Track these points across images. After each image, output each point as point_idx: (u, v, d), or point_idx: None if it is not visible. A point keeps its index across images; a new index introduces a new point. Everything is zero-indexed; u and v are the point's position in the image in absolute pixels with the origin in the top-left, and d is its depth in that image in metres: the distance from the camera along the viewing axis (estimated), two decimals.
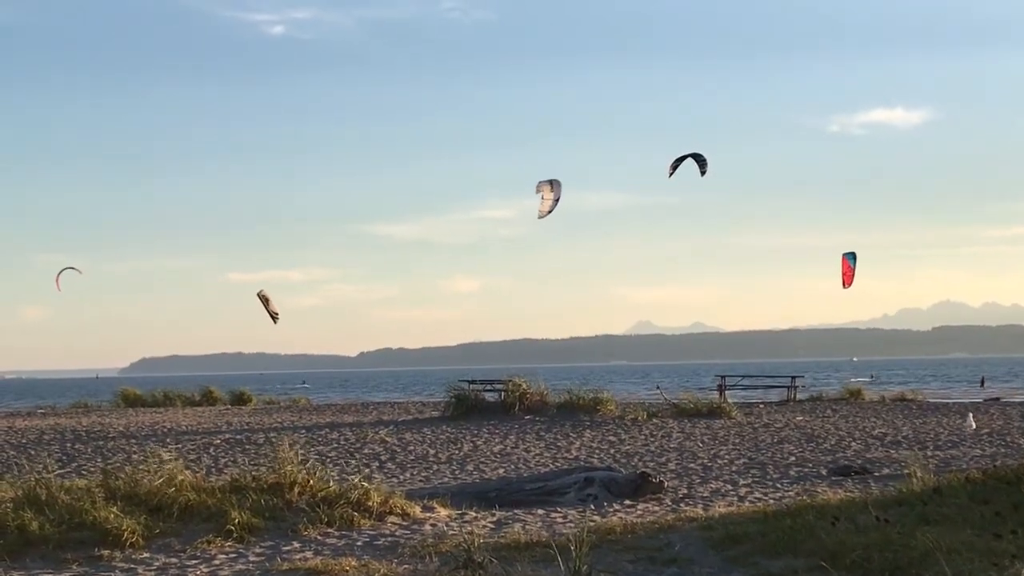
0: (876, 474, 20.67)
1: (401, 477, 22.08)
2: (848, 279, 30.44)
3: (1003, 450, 25.03)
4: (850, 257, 30.61)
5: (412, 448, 27.99)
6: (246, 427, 36.64)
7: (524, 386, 38.20)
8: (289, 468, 15.18)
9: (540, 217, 24.57)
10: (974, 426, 30.13)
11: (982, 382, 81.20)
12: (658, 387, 73.56)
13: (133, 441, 31.05)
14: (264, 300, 29.23)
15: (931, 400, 51.06)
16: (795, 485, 19.47)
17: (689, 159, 23.54)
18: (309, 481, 15.07)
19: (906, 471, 16.03)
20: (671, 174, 23.79)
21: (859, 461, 22.93)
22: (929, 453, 24.24)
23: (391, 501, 15.25)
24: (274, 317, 29.30)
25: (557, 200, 24.38)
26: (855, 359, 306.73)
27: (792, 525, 12.50)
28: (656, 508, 16.46)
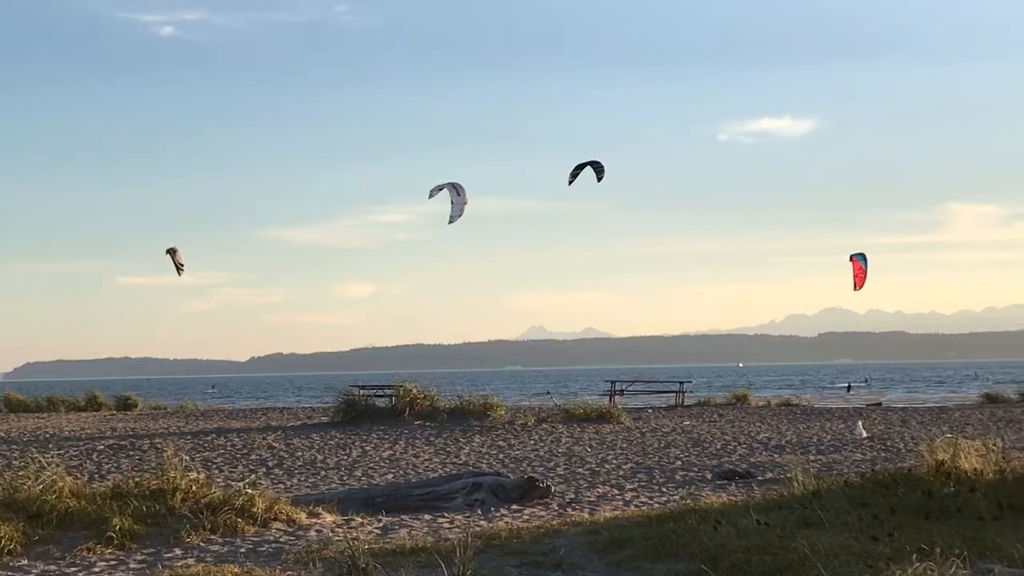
0: (759, 478, 20.93)
1: (288, 483, 21.92)
2: (860, 281, 30.17)
3: (883, 454, 25.48)
4: (860, 259, 30.31)
5: (300, 454, 27.79)
6: (131, 432, 36.12)
7: (414, 391, 38.09)
8: (173, 474, 15.01)
9: (450, 222, 24.54)
10: (864, 434, 30.62)
11: (848, 387, 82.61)
12: (548, 392, 73.86)
13: (14, 447, 30.44)
14: (172, 252, 29.49)
15: (815, 405, 51.89)
16: (680, 489, 19.65)
17: (588, 167, 23.67)
18: (192, 487, 14.92)
19: (788, 475, 16.25)
20: (571, 181, 23.89)
21: (743, 465, 23.22)
22: (812, 457, 24.60)
23: (276, 507, 15.15)
24: (179, 268, 29.60)
25: (464, 204, 24.38)
26: (741, 364, 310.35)
27: (675, 529, 12.62)
28: (543, 513, 16.51)
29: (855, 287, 30.18)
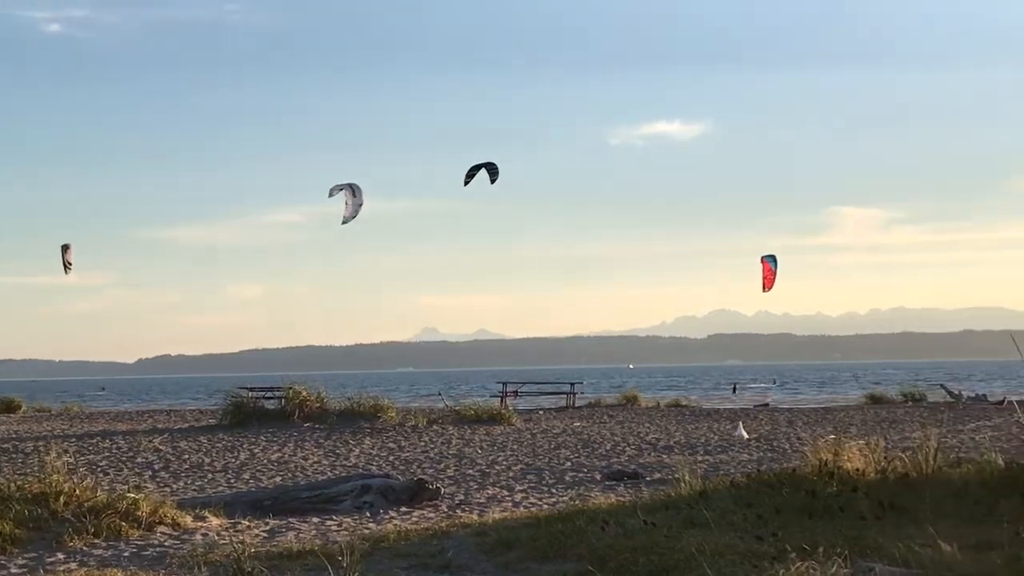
0: (648, 478, 21.09)
1: (174, 486, 21.64)
2: (769, 282, 30.20)
3: (769, 455, 25.82)
4: (771, 260, 30.34)
5: (187, 457, 27.47)
6: (14, 435, 35.43)
7: (304, 393, 37.82)
8: (55, 477, 14.75)
9: (344, 223, 24.38)
10: (746, 436, 31.01)
11: (734, 389, 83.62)
12: (440, 393, 73.79)
13: None
14: (65, 249, 29.42)
15: (703, 406, 52.45)
16: (570, 490, 19.73)
17: (483, 168, 23.69)
18: (76, 491, 14.67)
19: (676, 476, 16.39)
20: (467, 182, 23.87)
21: (632, 466, 23.37)
22: (699, 458, 24.84)
23: (161, 511, 14.95)
24: (67, 266, 29.32)
25: (360, 205, 24.23)
26: (631, 366, 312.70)
27: (563, 530, 12.66)
28: (432, 515, 16.48)
29: (764, 288, 30.32)
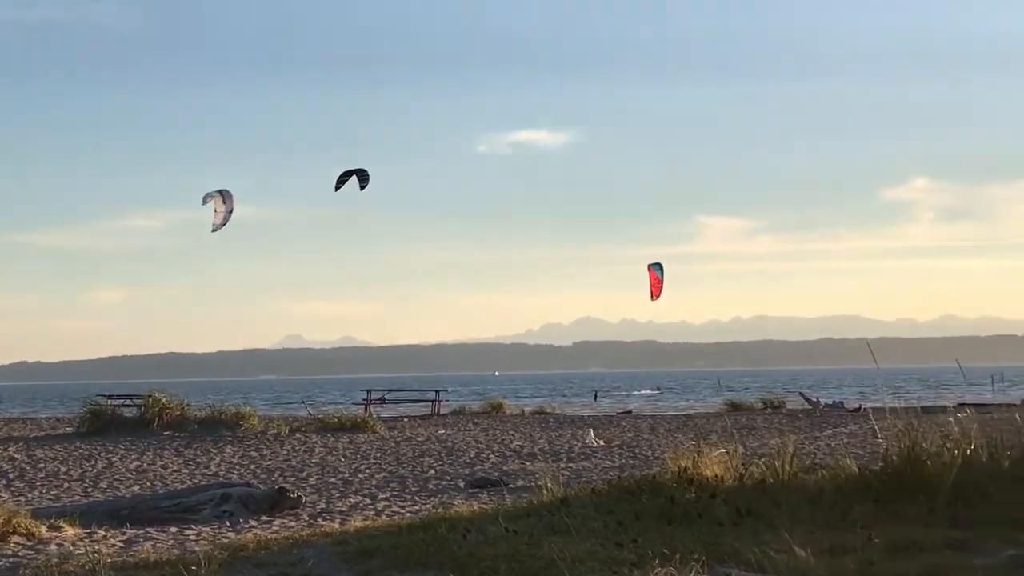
0: (511, 486, 21.13)
1: (29, 496, 21.18)
2: (657, 291, 30.20)
3: (631, 461, 26.07)
4: (657, 268, 30.35)
5: (43, 465, 26.90)
6: None
7: (164, 401, 37.29)
8: None
9: (214, 230, 24.09)
10: (595, 442, 31.18)
11: (595, 396, 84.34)
12: (303, 402, 73.19)
13: None
14: None
15: (568, 414, 52.77)
16: (433, 498, 19.72)
17: (354, 175, 23.62)
18: None
19: (539, 483, 16.45)
20: (338, 188, 23.81)
21: (496, 473, 23.43)
22: (562, 465, 25.00)
23: (15, 520, 14.62)
24: None
25: (230, 212, 23.98)
26: (496, 373, 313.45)
27: (425, 538, 12.61)
28: (293, 523, 16.35)
29: (652, 296, 30.46)
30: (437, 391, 54.02)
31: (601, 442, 31.71)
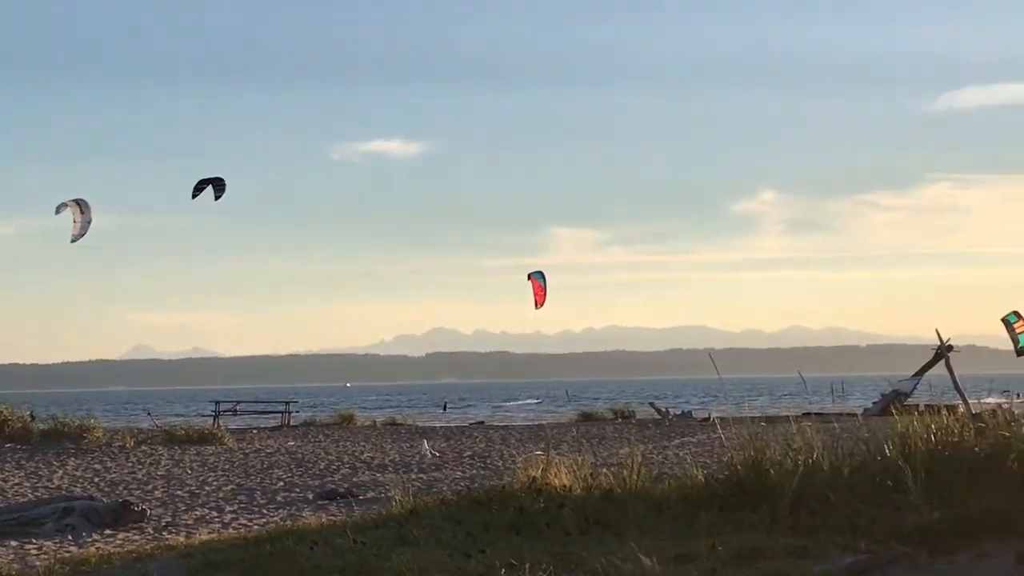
0: (361, 497, 21.06)
1: None
2: (540, 298, 30.09)
3: (482, 472, 26.12)
4: (539, 277, 30.24)
5: None
6: None
7: (5, 412, 36.39)
8: None
9: (73, 241, 23.60)
10: (430, 455, 31.10)
11: (444, 407, 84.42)
12: (148, 413, 71.96)
13: None
14: None
15: (419, 424, 52.73)
16: (281, 510, 19.54)
17: (210, 184, 23.38)
18: None
19: (389, 494, 16.39)
20: (194, 196, 23.53)
21: (346, 485, 23.30)
22: (414, 476, 24.96)
23: None
24: None
25: (89, 221, 23.51)
26: (348, 384, 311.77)
27: (272, 551, 12.49)
28: (137, 537, 16.06)
29: (536, 305, 30.44)
30: (287, 402, 53.56)
31: (436, 453, 31.70)
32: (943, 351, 44.31)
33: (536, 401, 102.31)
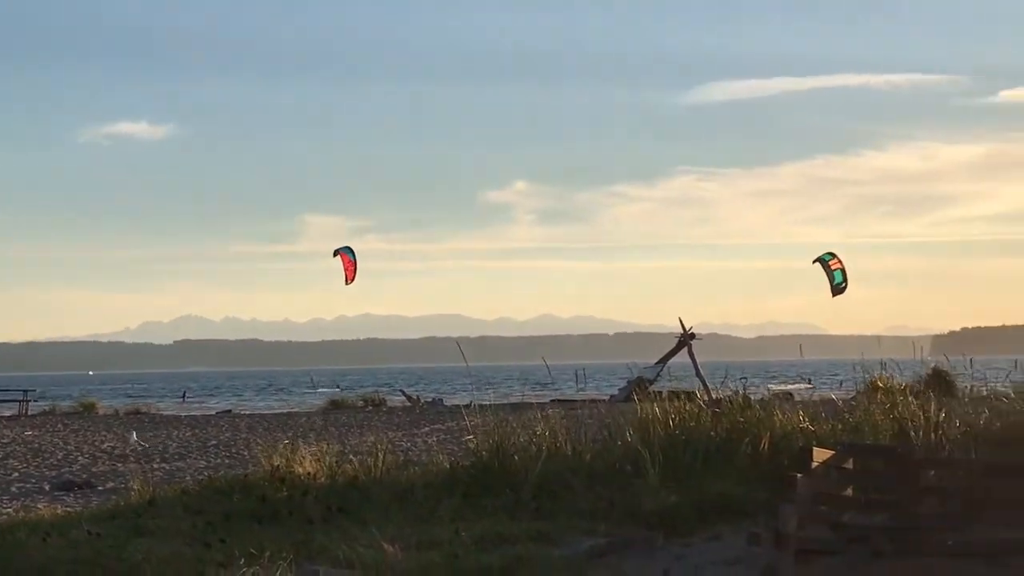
0: (100, 488, 20.48)
1: None
2: (351, 274, 29.40)
3: (227, 461, 25.71)
4: (348, 252, 29.58)
5: None
6: None
7: None
8: None
9: None
10: (140, 445, 30.48)
11: (184, 395, 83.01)
12: None
13: None
14: None
15: (164, 413, 51.69)
16: (15, 502, 18.84)
17: None
18: None
19: (129, 484, 15.99)
20: None
21: (84, 475, 22.65)
22: (156, 465, 24.42)
23: None
24: None
25: None
26: (91, 373, 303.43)
27: (2, 543, 12.04)
28: None
29: (347, 280, 29.91)
30: (25, 391, 51.79)
31: (145, 444, 30.99)
32: (686, 339, 45.74)
33: (337, 389, 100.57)
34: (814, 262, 31.85)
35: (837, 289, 31.88)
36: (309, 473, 14.15)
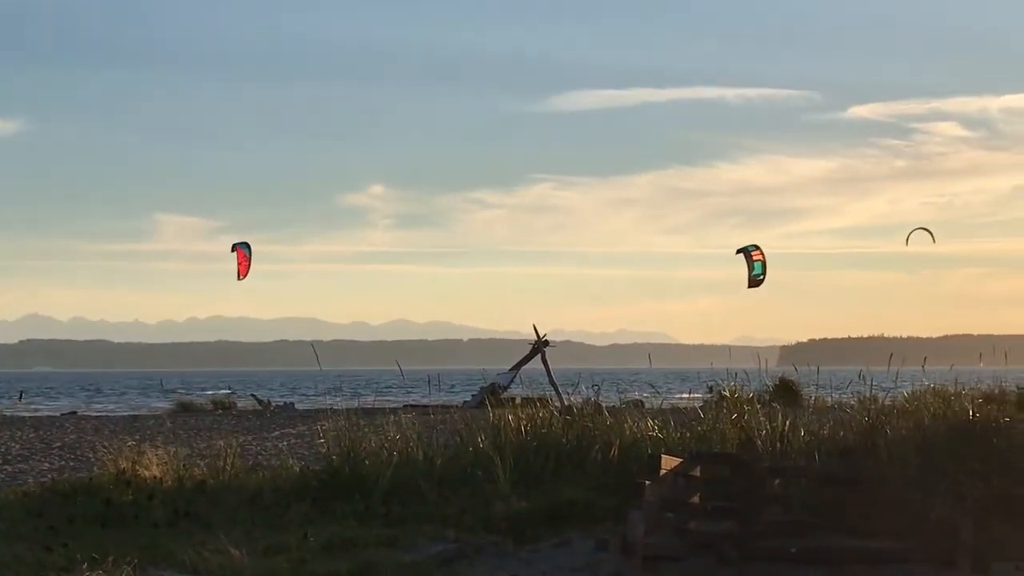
0: None
1: None
2: (244, 269, 28.55)
3: (71, 464, 25.12)
4: (244, 247, 28.68)
5: None
6: None
7: None
8: None
9: None
10: None
11: (20, 396, 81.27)
12: None
13: None
14: None
15: (5, 414, 50.37)
16: None
17: None
18: None
19: None
20: None
21: None
22: None
23: None
24: None
25: None
26: None
27: None
28: None
29: (240, 275, 29.20)
30: None
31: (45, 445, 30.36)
32: (539, 346, 45.97)
33: (229, 391, 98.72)
34: (738, 252, 32.12)
35: (754, 280, 32.02)
36: (156, 476, 13.96)
